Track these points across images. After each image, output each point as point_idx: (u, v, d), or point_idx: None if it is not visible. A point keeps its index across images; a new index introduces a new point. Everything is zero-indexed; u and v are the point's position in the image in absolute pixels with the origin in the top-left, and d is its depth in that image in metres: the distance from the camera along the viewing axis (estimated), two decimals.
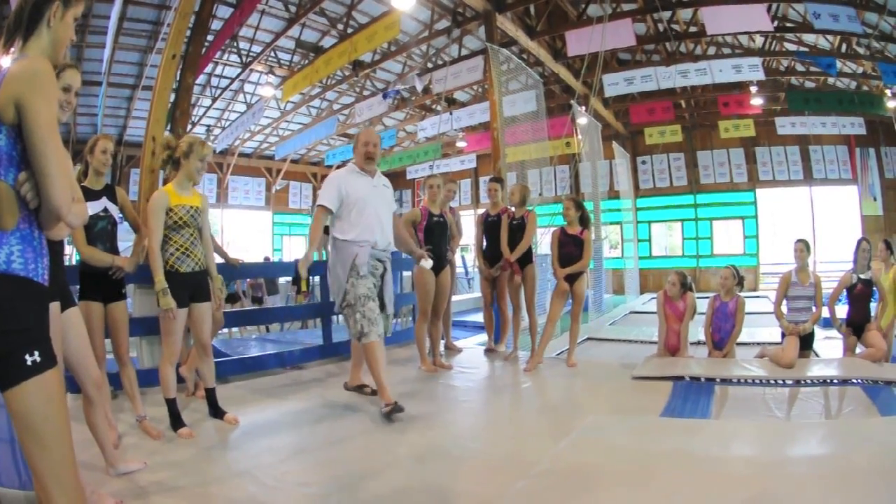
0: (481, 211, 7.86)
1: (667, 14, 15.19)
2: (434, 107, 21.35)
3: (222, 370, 6.09)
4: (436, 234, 7.03)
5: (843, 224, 21.16)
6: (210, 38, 12.99)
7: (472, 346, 8.50)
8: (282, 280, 15.73)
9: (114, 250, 4.60)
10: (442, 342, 7.76)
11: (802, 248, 7.09)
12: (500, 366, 7.26)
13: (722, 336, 7.11)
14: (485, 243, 7.73)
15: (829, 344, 8.59)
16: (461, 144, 24.64)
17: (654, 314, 7.60)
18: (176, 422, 4.42)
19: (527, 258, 7.34)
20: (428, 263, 5.89)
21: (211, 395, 4.83)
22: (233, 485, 3.46)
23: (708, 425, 4.67)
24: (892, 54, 15.88)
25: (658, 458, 3.69)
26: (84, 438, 3.37)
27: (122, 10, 13.70)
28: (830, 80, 19.25)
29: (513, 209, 7.49)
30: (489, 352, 7.84)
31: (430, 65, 19.25)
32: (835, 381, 5.92)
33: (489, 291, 7.87)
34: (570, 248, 7.05)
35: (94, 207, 4.47)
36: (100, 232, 4.51)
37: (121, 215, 4.69)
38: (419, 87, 18.16)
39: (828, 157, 22.27)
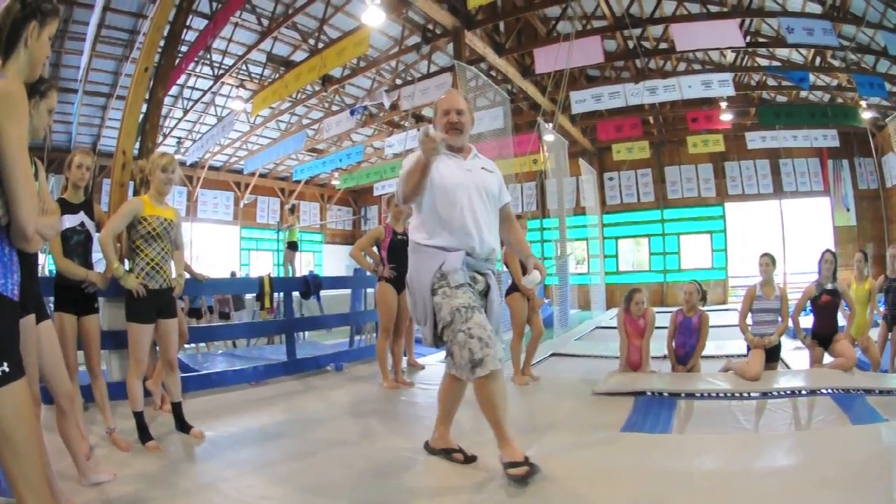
0: None
1: (637, 30, 15.35)
2: (402, 123, 21.42)
3: (188, 385, 6.13)
4: (399, 253, 7.00)
5: (814, 236, 21.40)
6: (184, 49, 12.99)
7: (434, 362, 8.48)
8: (248, 295, 15.66)
9: (87, 264, 4.72)
10: (405, 359, 7.80)
11: (768, 262, 7.15)
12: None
13: (686, 351, 7.17)
14: None
15: (798, 355, 8.65)
16: None
17: None
18: (144, 435, 4.46)
19: None
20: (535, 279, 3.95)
21: (177, 410, 4.86)
22: (198, 497, 3.51)
23: (669, 439, 4.66)
24: (869, 65, 16.16)
25: (617, 472, 3.68)
26: (58, 448, 3.46)
27: (100, 17, 13.61)
28: (803, 93, 19.52)
29: None
30: None
31: (399, 81, 19.35)
32: (803, 391, 5.93)
33: None
34: None
35: (71, 220, 4.59)
36: (75, 245, 4.62)
37: (97, 233, 4.76)
38: (387, 104, 18.23)
39: (799, 170, 22.72)
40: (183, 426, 4.81)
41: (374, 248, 7.10)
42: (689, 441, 4.68)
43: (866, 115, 18.23)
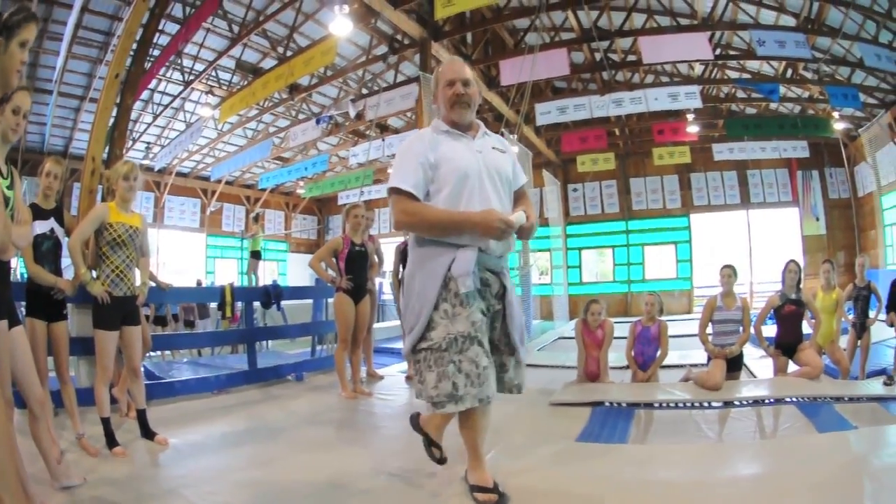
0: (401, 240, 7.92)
1: (605, 43, 15.42)
2: (367, 132, 21.41)
3: (153, 392, 6.20)
4: (357, 264, 7.04)
5: (783, 245, 21.50)
6: (156, 53, 12.99)
7: (394, 373, 8.52)
8: (212, 304, 15.57)
9: (57, 270, 4.77)
10: (363, 369, 7.84)
11: (730, 273, 7.20)
12: None
13: (645, 359, 7.22)
14: (402, 272, 7.72)
15: (763, 364, 8.54)
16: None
17: None
18: (110, 440, 4.53)
19: None
20: None
21: (142, 417, 4.92)
22: (162, 502, 3.59)
23: (626, 449, 4.64)
24: (843, 77, 16.32)
25: (569, 481, 3.69)
26: (31, 452, 3.55)
27: (78, 17, 13.48)
28: (773, 105, 19.65)
29: None
30: (409, 379, 7.68)
31: (365, 90, 19.39)
32: (767, 400, 5.93)
33: None
34: None
35: (42, 227, 4.66)
36: (45, 252, 4.69)
37: (66, 238, 4.82)
38: (352, 113, 18.20)
39: (767, 181, 22.95)
40: (147, 433, 4.86)
41: (333, 259, 7.12)
42: (647, 450, 4.66)
43: (839, 126, 18.38)
